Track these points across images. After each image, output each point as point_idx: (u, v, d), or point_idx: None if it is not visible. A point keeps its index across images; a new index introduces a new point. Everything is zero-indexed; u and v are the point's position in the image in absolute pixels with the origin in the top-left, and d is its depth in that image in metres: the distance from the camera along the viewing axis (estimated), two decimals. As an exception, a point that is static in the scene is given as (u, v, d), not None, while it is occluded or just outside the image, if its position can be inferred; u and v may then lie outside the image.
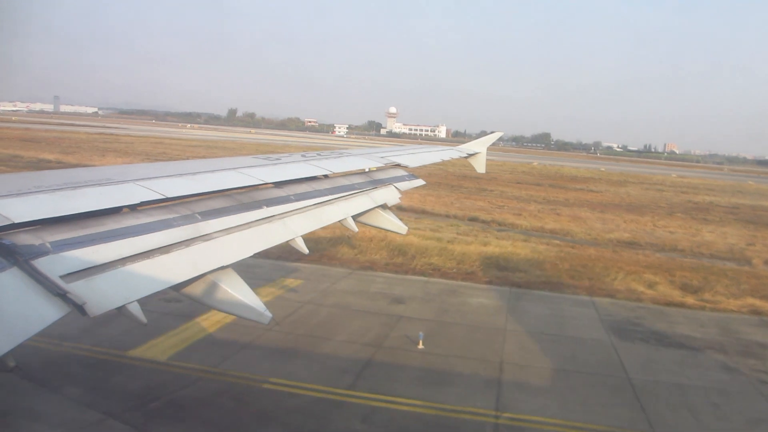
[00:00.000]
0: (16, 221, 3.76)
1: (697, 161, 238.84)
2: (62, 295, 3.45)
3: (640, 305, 18.65)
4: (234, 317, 14.37)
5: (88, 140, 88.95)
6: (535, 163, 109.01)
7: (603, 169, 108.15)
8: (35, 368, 11.25)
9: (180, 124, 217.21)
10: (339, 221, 7.23)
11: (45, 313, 3.32)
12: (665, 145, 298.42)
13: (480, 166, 16.34)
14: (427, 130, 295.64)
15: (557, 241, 29.59)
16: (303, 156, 9.02)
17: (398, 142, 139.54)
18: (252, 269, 19.91)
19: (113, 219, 4.51)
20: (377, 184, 8.97)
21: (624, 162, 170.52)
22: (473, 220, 35.19)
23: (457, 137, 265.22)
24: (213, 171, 6.51)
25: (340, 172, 8.50)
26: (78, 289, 3.59)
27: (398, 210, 38.07)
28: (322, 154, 9.66)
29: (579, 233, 33.06)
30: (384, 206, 8.45)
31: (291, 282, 18.60)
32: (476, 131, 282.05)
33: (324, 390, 11.11)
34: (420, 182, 10.60)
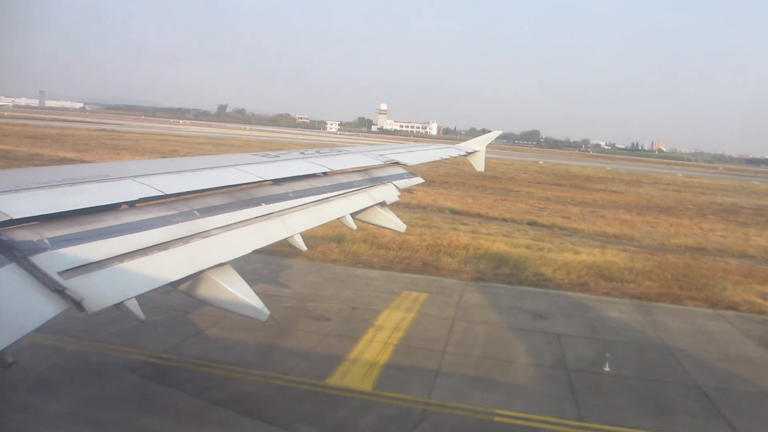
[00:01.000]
0: (15, 217, 3.73)
1: (688, 159, 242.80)
2: (60, 292, 3.45)
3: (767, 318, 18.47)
4: (404, 339, 13.81)
5: (92, 137, 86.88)
6: (541, 162, 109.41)
7: (608, 168, 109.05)
8: (248, 402, 10.53)
9: (173, 120, 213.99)
10: (338, 218, 7.18)
11: (43, 309, 3.32)
12: (653, 143, 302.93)
13: (479, 164, 16.15)
14: (418, 127, 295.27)
15: (631, 248, 29.35)
16: (302, 153, 8.90)
17: (391, 139, 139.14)
18: (365, 281, 19.29)
19: (112, 215, 4.49)
20: (376, 182, 8.91)
21: (620, 160, 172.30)
22: (533, 224, 34.85)
23: (448, 134, 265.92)
24: (212, 168, 6.42)
25: (339, 169, 8.43)
26: (76, 285, 3.58)
27: (453, 213, 37.74)
28: (320, 151, 9.52)
29: (643, 238, 32.83)
30: (383, 204, 8.40)
31: (417, 295, 17.97)
32: (466, 128, 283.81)
33: (559, 423, 10.54)
34: (419, 180, 10.40)
